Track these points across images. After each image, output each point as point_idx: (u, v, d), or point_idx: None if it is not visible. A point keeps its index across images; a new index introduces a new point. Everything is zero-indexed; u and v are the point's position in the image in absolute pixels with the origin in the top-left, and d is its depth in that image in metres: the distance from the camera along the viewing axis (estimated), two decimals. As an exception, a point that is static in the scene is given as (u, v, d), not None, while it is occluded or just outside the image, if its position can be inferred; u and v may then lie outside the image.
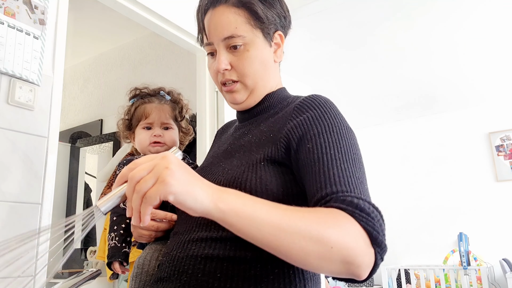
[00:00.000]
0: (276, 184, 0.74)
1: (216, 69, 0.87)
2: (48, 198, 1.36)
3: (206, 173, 0.86)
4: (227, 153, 0.88)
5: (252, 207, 0.60)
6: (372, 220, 0.63)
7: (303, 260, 0.60)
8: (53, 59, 1.46)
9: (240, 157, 0.82)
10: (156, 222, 0.90)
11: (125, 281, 2.72)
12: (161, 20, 2.04)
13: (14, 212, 1.26)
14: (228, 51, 0.86)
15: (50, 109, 1.41)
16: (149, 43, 3.18)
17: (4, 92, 1.30)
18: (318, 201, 0.68)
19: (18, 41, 1.33)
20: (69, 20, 1.55)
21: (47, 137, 1.39)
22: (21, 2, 1.35)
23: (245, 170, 0.77)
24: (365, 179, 0.73)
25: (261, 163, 0.77)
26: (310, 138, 0.75)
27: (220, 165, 0.85)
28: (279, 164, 0.77)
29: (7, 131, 1.29)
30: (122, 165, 1.14)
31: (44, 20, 1.42)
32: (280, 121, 0.82)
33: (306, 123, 0.77)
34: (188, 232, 0.79)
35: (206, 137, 2.21)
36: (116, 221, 0.98)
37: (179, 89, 3.11)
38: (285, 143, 0.77)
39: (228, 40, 0.84)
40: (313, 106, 0.80)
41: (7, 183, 1.26)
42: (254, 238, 0.60)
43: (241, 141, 0.88)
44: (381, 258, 0.64)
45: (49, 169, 1.38)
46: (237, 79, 0.87)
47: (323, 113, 0.78)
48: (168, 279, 0.76)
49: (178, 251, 0.77)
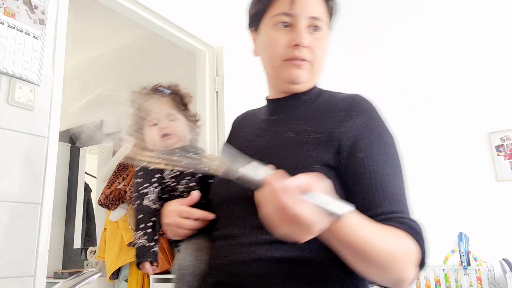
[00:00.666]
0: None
1: (295, 42, 0.83)
2: (48, 198, 1.36)
3: None
4: (267, 150, 0.85)
5: (362, 238, 0.64)
6: (426, 245, 0.71)
7: (373, 273, 0.68)
8: (53, 59, 1.46)
9: (287, 157, 0.80)
10: (194, 221, 0.88)
11: (125, 281, 2.72)
12: (161, 20, 2.04)
13: (14, 212, 1.26)
14: (306, 30, 0.84)
15: (50, 109, 1.41)
16: (149, 43, 3.18)
17: (4, 92, 1.30)
18: (373, 216, 0.70)
19: (18, 41, 1.33)
20: (69, 20, 1.55)
21: (47, 137, 1.39)
22: (21, 2, 1.35)
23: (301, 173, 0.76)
24: (407, 193, 0.78)
25: (315, 165, 0.76)
26: (362, 148, 0.77)
27: (265, 163, 0.82)
28: (330, 168, 0.77)
29: (7, 131, 1.29)
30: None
31: (44, 20, 1.42)
32: (326, 120, 0.82)
33: (357, 130, 0.78)
34: (244, 235, 0.78)
35: (206, 137, 2.21)
36: (142, 219, 0.95)
37: (179, 89, 3.05)
38: (336, 148, 0.78)
39: (313, 19, 0.84)
40: (361, 110, 0.81)
41: (7, 183, 1.26)
42: (352, 260, 0.66)
43: (281, 137, 0.85)
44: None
45: (49, 169, 1.38)
46: (310, 59, 0.85)
47: (372, 120, 0.81)
48: (228, 283, 0.76)
49: (236, 255, 0.77)
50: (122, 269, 2.75)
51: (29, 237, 1.29)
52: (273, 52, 0.86)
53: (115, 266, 2.69)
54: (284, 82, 0.87)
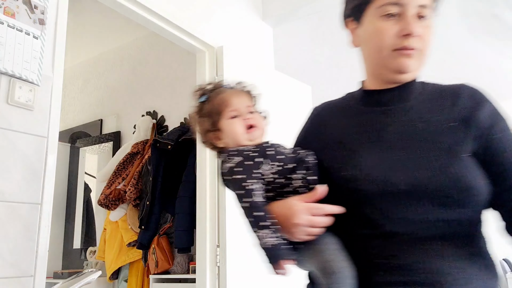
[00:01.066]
0: (485, 181, 0.79)
1: (406, 32, 0.83)
2: (48, 198, 1.36)
3: (386, 167, 0.81)
4: (396, 142, 0.83)
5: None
6: None
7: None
8: (52, 59, 1.46)
9: (427, 148, 0.80)
10: (327, 218, 0.82)
11: (125, 281, 2.72)
12: (161, 20, 2.04)
13: (14, 212, 1.26)
14: (415, 19, 0.84)
15: (49, 109, 1.41)
16: (149, 43, 3.18)
17: (4, 92, 1.30)
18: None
19: (18, 41, 1.33)
20: (68, 20, 1.55)
21: (47, 137, 1.39)
22: (20, 2, 1.35)
23: (458, 166, 0.78)
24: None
25: (463, 154, 0.79)
26: (498, 131, 0.81)
27: (403, 156, 0.82)
28: (473, 156, 0.80)
29: (7, 131, 1.29)
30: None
31: (44, 20, 1.42)
32: (452, 109, 0.84)
33: (489, 116, 0.82)
34: (417, 232, 0.77)
35: (206, 137, 2.20)
36: (261, 217, 0.82)
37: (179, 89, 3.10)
38: (474, 135, 0.80)
39: (421, 8, 0.83)
40: (483, 98, 0.85)
41: (7, 183, 1.26)
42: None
43: (410, 128, 0.84)
44: None
45: (49, 169, 1.37)
46: (420, 47, 0.85)
47: (495, 107, 0.84)
48: (406, 283, 0.75)
49: (418, 255, 0.76)
50: (122, 269, 2.75)
51: (29, 237, 1.29)
52: (381, 42, 0.85)
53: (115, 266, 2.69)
54: (392, 72, 0.87)
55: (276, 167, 0.87)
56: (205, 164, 2.18)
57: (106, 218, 2.86)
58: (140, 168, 2.70)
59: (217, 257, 2.06)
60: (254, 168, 0.86)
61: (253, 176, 0.85)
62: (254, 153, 0.89)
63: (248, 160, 0.87)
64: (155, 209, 2.57)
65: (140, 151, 2.78)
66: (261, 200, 0.83)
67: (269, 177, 0.86)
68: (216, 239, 2.09)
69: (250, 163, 0.87)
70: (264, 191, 0.85)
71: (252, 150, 0.89)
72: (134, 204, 2.68)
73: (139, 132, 2.85)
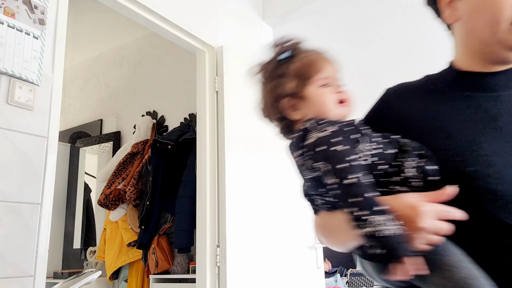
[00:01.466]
0: None
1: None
2: (48, 198, 1.36)
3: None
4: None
5: None
6: None
7: None
8: (52, 59, 1.46)
9: None
10: (451, 225, 0.66)
11: (125, 281, 2.72)
12: (161, 20, 2.04)
13: (13, 212, 1.26)
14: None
15: (49, 109, 1.41)
16: (149, 43, 3.18)
17: (4, 92, 1.30)
18: None
19: (18, 41, 1.33)
20: (68, 20, 1.55)
21: (47, 137, 1.39)
22: (20, 2, 1.35)
23: None
24: None
25: None
26: None
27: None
28: None
29: (7, 131, 1.29)
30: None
31: (44, 20, 1.42)
32: None
33: None
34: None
35: (206, 137, 2.21)
36: (372, 202, 0.64)
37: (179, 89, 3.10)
38: None
39: None
40: None
41: (7, 183, 1.26)
42: None
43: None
44: None
45: (49, 169, 1.37)
46: None
47: None
48: None
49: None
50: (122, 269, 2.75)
51: (29, 237, 1.29)
52: (499, 14, 0.73)
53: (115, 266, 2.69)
54: (508, 49, 0.75)
55: (375, 148, 0.71)
56: (205, 164, 2.18)
57: (106, 218, 2.86)
58: (140, 168, 2.70)
59: (217, 257, 2.06)
60: (354, 142, 0.70)
61: (355, 150, 0.69)
62: (348, 127, 0.73)
63: (344, 133, 0.71)
64: (155, 209, 2.57)
65: (140, 151, 2.78)
66: (370, 179, 0.67)
67: (368, 161, 0.69)
68: (216, 239, 2.09)
69: (348, 136, 0.71)
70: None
71: (346, 124, 0.74)
72: (134, 204, 2.68)
73: (139, 132, 2.85)
